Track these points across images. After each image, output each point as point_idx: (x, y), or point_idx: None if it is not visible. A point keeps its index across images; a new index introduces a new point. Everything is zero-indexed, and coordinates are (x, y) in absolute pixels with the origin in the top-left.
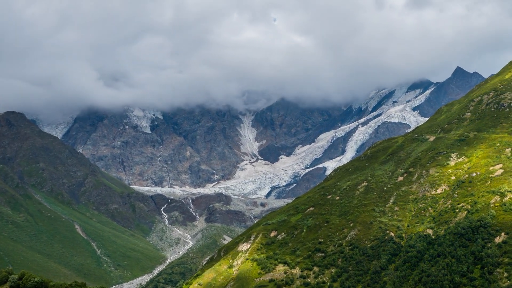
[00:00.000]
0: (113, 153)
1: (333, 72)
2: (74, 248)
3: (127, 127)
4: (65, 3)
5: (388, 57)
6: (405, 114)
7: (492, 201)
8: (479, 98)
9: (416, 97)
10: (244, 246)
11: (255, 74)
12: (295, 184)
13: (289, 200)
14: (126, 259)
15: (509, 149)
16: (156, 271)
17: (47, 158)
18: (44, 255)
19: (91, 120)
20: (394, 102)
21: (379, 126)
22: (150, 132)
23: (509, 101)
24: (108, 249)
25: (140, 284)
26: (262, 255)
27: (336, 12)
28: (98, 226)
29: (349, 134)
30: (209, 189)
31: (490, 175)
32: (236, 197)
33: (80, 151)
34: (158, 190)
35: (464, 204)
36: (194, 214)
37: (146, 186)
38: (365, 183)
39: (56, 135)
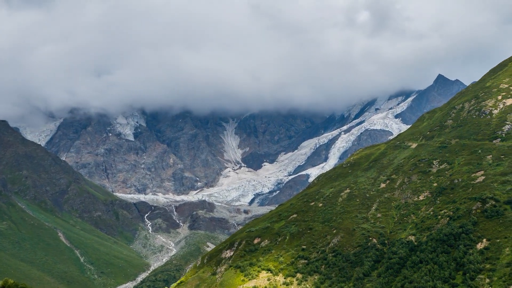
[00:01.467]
0: (96, 160)
1: (313, 83)
2: (58, 256)
3: (110, 134)
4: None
5: (365, 68)
6: (387, 122)
7: (474, 208)
8: (461, 105)
9: (398, 104)
10: (228, 253)
11: (232, 83)
12: (278, 191)
13: (272, 207)
14: (109, 266)
15: (490, 156)
16: (139, 279)
17: (30, 165)
18: (27, 262)
19: (74, 128)
20: (376, 109)
21: (361, 133)
22: (133, 140)
23: (490, 108)
24: (91, 257)
25: None
26: (245, 262)
27: (302, 29)
28: (82, 233)
29: (332, 141)
30: (192, 196)
31: (472, 182)
32: (219, 204)
33: (64, 159)
34: (142, 197)
35: (446, 210)
36: (177, 221)
37: (130, 193)
38: (348, 190)
39: (39, 143)
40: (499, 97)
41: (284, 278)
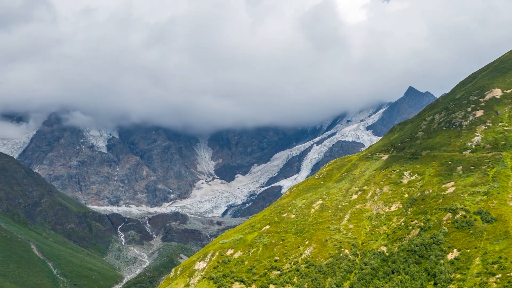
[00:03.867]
0: (69, 172)
1: (284, 95)
2: (30, 268)
3: (83, 146)
4: None
5: (336, 80)
6: (359, 133)
7: (444, 218)
8: (431, 117)
9: (369, 116)
10: (201, 265)
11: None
12: (251, 203)
13: (245, 219)
14: (82, 278)
15: (461, 167)
16: None
17: (3, 178)
18: None
19: (47, 140)
20: (348, 121)
21: (333, 145)
22: (106, 152)
23: (460, 120)
24: (64, 269)
25: None
26: (218, 274)
27: None
28: (55, 245)
29: (304, 153)
30: (165, 208)
31: (442, 193)
32: (192, 216)
33: (36, 171)
34: (115, 209)
35: (417, 221)
36: (150, 233)
37: (103, 205)
38: (320, 201)
39: (12, 155)
40: (469, 109)
41: None
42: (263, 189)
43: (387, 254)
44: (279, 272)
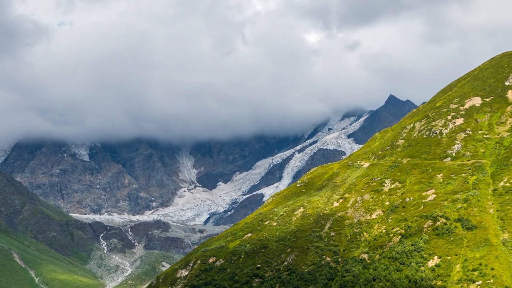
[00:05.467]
0: (51, 181)
1: (270, 104)
2: (12, 277)
3: (65, 155)
4: None
5: (317, 88)
6: (340, 141)
7: (425, 226)
8: (412, 125)
9: (350, 124)
10: (183, 273)
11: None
12: (233, 211)
13: (227, 227)
14: (64, 287)
15: (441, 174)
16: None
17: None
18: None
19: (29, 148)
20: (329, 129)
21: (315, 153)
22: (88, 160)
23: (441, 128)
24: (46, 277)
25: None
26: (200, 282)
27: None
28: (36, 254)
29: (286, 161)
30: (147, 216)
31: (423, 200)
32: (174, 224)
33: (18, 179)
34: (97, 217)
35: (398, 228)
36: (132, 241)
37: (85, 213)
38: (302, 209)
39: None
40: (449, 117)
41: None
42: (245, 197)
43: (369, 261)
44: (261, 279)
